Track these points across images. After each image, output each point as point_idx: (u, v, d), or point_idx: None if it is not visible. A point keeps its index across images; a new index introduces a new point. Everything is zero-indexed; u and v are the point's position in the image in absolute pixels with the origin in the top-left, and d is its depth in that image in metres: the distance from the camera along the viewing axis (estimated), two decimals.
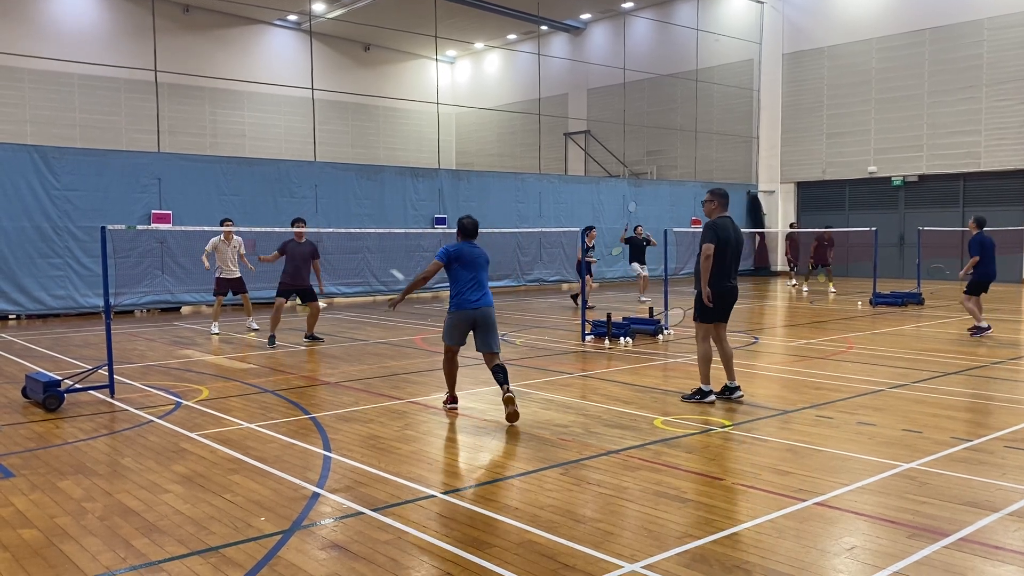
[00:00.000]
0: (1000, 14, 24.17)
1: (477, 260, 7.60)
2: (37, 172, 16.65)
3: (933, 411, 7.54)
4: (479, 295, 7.50)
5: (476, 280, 7.52)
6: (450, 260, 7.52)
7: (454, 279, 7.54)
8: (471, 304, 7.46)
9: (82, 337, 13.90)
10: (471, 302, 7.46)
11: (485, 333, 7.50)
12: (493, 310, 7.59)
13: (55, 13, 28.71)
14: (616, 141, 32.93)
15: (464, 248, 7.60)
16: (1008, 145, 24.33)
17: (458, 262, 7.53)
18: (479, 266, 7.60)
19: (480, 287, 7.54)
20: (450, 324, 7.58)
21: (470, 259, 7.57)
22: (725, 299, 8.00)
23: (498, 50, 38.48)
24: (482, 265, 7.65)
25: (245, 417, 7.60)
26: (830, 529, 4.63)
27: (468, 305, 7.46)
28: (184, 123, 30.60)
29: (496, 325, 7.60)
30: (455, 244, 7.66)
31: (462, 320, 7.52)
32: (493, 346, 7.50)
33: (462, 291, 7.50)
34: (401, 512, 4.93)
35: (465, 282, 7.51)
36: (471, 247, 7.65)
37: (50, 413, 7.84)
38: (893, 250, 26.60)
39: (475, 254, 7.62)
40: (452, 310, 7.56)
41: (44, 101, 28.32)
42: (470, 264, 7.54)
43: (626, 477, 5.58)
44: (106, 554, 4.34)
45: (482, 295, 7.52)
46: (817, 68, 28.51)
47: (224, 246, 13.94)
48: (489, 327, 7.51)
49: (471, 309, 7.46)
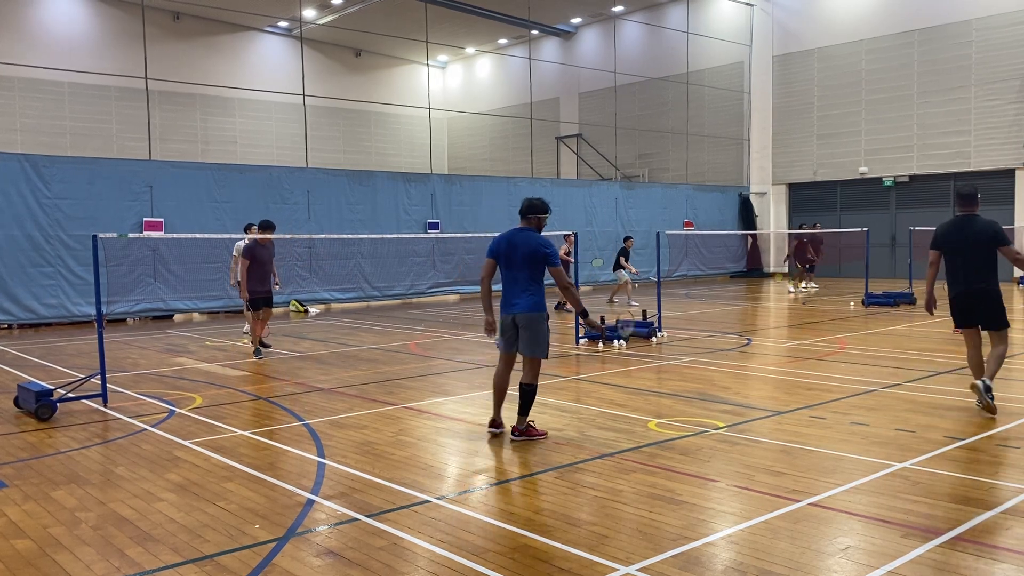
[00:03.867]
0: (988, 14, 24.32)
1: (513, 255, 6.64)
2: (28, 181, 16.59)
3: (926, 410, 7.57)
4: (512, 298, 6.65)
5: (511, 279, 6.68)
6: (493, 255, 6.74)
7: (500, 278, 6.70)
8: (505, 308, 6.70)
9: (74, 346, 13.85)
10: (506, 305, 6.70)
11: (524, 338, 6.67)
12: (531, 315, 6.59)
13: (45, 21, 28.66)
14: (608, 144, 33.01)
15: (502, 241, 6.72)
16: (997, 145, 24.47)
17: (496, 257, 6.73)
18: (514, 262, 6.65)
19: (514, 288, 6.64)
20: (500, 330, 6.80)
21: (506, 253, 6.67)
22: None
23: (489, 55, 38.54)
24: (517, 262, 6.63)
25: (239, 424, 7.58)
26: (824, 529, 4.64)
27: (504, 308, 6.71)
28: (175, 130, 30.57)
29: (537, 331, 6.63)
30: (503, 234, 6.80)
31: (504, 325, 6.73)
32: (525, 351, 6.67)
33: (503, 291, 6.70)
34: (396, 518, 4.93)
35: (504, 282, 6.72)
36: (510, 237, 6.70)
37: (43, 423, 7.80)
38: (885, 250, 26.70)
39: (514, 244, 6.64)
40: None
41: (35, 109, 28.24)
42: (505, 260, 6.69)
43: (621, 480, 5.58)
44: (100, 564, 4.33)
45: (516, 298, 6.62)
46: (807, 70, 28.62)
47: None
48: (526, 331, 6.62)
49: (507, 314, 6.69)
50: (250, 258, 11.88)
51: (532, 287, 6.62)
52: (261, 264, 11.91)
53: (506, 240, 6.71)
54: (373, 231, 20.85)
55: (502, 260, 6.68)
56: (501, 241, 6.72)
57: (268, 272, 12.15)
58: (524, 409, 6.64)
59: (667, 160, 32.77)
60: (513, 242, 6.65)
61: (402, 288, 22.17)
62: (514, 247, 6.63)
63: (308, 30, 32.27)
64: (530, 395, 6.65)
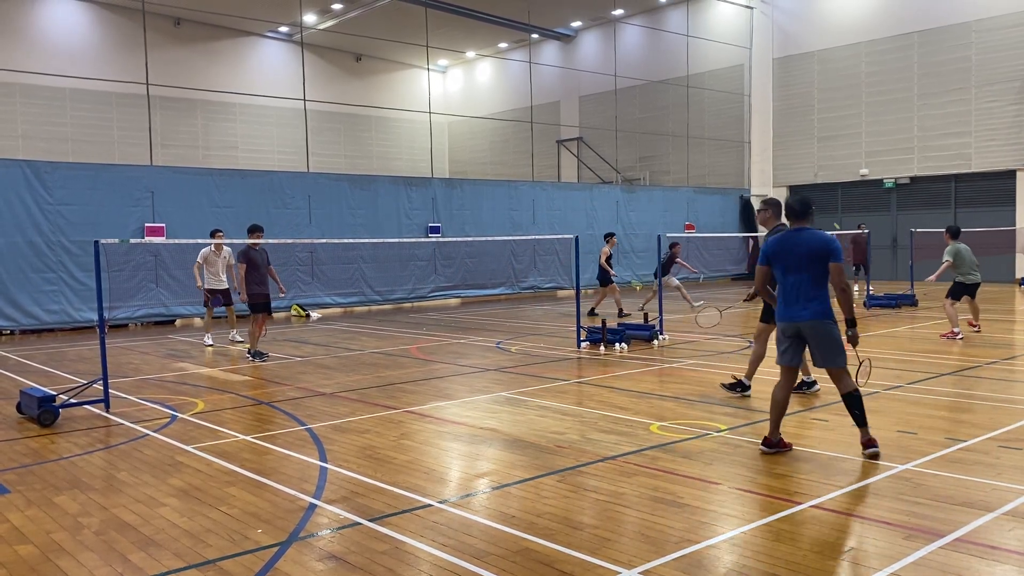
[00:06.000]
0: (988, 16, 24.34)
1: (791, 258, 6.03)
2: (29, 187, 16.62)
3: (927, 412, 7.57)
4: (802, 303, 6.00)
5: (794, 284, 6.03)
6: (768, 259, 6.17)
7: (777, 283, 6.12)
8: (787, 316, 6.06)
9: (76, 351, 13.87)
10: (788, 313, 6.06)
11: (816, 347, 6.07)
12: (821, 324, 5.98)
13: (47, 27, 28.72)
14: (609, 148, 33.04)
15: (776, 243, 6.11)
16: (997, 146, 24.48)
17: (776, 261, 6.12)
18: (793, 266, 6.02)
19: (805, 292, 5.99)
20: (778, 339, 6.24)
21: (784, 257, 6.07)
22: None
23: (489, 59, 38.58)
24: (800, 265, 5.99)
25: (241, 429, 7.58)
26: (826, 532, 4.64)
27: (785, 316, 6.08)
28: (176, 136, 30.61)
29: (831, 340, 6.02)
30: (776, 236, 6.18)
31: (786, 334, 6.13)
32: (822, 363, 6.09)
33: (783, 298, 6.10)
34: (398, 522, 4.93)
35: (785, 287, 6.09)
36: (783, 240, 6.11)
37: (45, 428, 7.81)
38: (886, 252, 26.69)
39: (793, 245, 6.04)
40: (777, 320, 6.21)
41: (36, 115, 28.28)
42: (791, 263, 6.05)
43: (623, 483, 5.58)
44: (103, 569, 4.33)
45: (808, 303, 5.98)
46: (807, 72, 28.64)
47: (214, 257, 14.07)
48: (818, 341, 6.03)
49: (793, 322, 6.05)
50: (246, 262, 12.18)
51: (819, 292, 6.01)
52: (257, 267, 12.22)
53: (779, 242, 6.14)
54: (374, 235, 20.87)
55: (779, 265, 6.13)
56: (774, 244, 6.14)
57: (265, 275, 12.37)
58: (863, 419, 6.06)
59: (668, 163, 32.79)
60: (790, 244, 6.07)
61: (403, 292, 22.17)
62: (792, 249, 6.05)
63: (309, 35, 32.33)
64: (859, 401, 6.04)
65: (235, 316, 14.72)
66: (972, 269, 12.86)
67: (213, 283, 14.19)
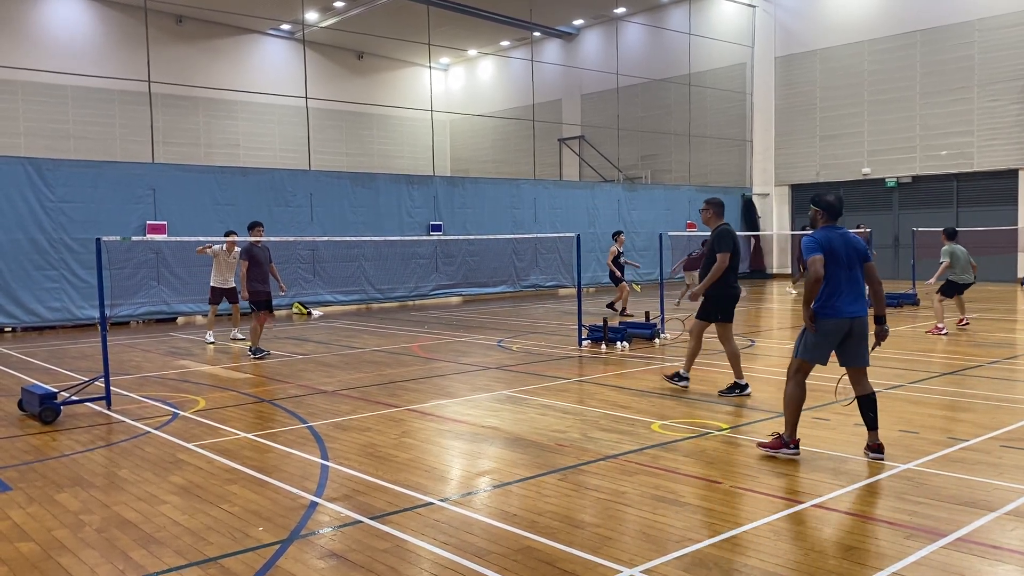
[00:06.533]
0: (991, 15, 24.30)
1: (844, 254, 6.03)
2: (31, 184, 16.62)
3: (929, 411, 7.56)
4: (855, 300, 6.03)
5: (850, 280, 6.03)
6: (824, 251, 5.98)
7: (826, 278, 5.98)
8: (846, 312, 5.97)
9: (78, 349, 13.88)
10: (844, 308, 5.98)
11: (857, 345, 6.08)
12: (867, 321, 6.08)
13: (48, 25, 28.72)
14: (610, 146, 33.02)
15: (833, 238, 6.06)
16: (1000, 145, 24.44)
17: (830, 255, 6.00)
18: (846, 262, 6.03)
19: (856, 288, 6.05)
20: (817, 336, 6.05)
21: (842, 250, 6.03)
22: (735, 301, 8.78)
23: (491, 57, 38.57)
24: (851, 262, 6.04)
25: (242, 427, 7.59)
26: (828, 531, 4.64)
27: (843, 312, 5.97)
28: (178, 133, 30.61)
29: (867, 336, 6.11)
30: (822, 231, 6.13)
31: (832, 331, 6.03)
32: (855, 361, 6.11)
33: (834, 293, 5.98)
34: (399, 520, 4.93)
35: (839, 282, 5.99)
36: (833, 237, 6.06)
37: (46, 426, 7.81)
38: (888, 251, 26.67)
39: (844, 243, 6.05)
40: (820, 318, 6.03)
41: (38, 113, 28.30)
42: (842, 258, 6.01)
43: (624, 482, 5.58)
44: (104, 566, 4.33)
45: (858, 301, 6.04)
46: (809, 71, 28.61)
47: (224, 256, 14.11)
48: (862, 339, 6.08)
49: (847, 318, 5.97)
50: (249, 259, 12.26)
51: (863, 289, 6.14)
52: (259, 264, 12.31)
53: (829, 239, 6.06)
54: (376, 233, 20.88)
55: (836, 260, 6.00)
56: (832, 239, 6.05)
57: (267, 273, 12.42)
58: (875, 423, 6.07)
59: (669, 161, 32.77)
60: (840, 240, 6.05)
61: (405, 290, 22.18)
62: (842, 246, 6.04)
63: (310, 33, 32.33)
64: (875, 404, 6.10)
65: (239, 315, 14.75)
66: (966, 270, 13.30)
67: (219, 282, 14.28)
